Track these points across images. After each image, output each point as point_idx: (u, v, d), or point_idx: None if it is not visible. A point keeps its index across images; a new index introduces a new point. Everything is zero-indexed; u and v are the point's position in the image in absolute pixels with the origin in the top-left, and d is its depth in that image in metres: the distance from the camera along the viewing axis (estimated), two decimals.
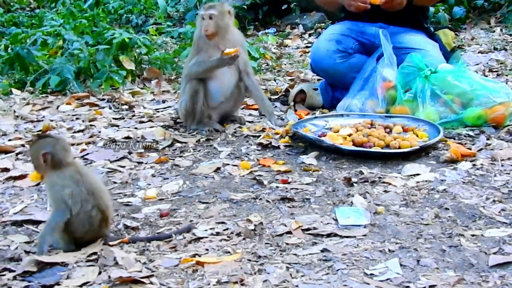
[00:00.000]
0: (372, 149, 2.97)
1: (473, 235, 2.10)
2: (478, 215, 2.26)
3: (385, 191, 2.53)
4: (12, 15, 8.13)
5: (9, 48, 5.05)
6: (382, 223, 2.22)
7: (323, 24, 7.48)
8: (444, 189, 2.51)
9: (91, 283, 1.84)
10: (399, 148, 2.97)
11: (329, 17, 7.50)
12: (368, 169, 2.79)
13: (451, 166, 2.79)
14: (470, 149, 2.95)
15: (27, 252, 2.06)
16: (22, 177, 2.78)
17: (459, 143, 3.06)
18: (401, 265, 1.90)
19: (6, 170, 2.88)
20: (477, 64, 5.00)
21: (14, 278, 1.88)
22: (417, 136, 3.13)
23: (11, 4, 9.11)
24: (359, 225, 2.21)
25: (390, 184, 2.61)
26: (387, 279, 1.82)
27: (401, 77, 3.58)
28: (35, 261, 1.95)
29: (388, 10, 3.74)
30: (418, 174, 2.71)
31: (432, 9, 6.20)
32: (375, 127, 3.26)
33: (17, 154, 3.12)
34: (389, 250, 2.00)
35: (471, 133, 3.24)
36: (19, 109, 3.98)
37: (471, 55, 5.53)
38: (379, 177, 2.68)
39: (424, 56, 3.60)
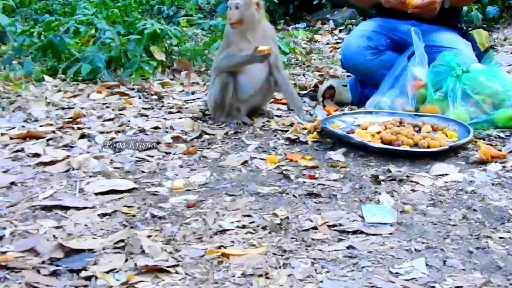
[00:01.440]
0: (401, 148, 2.95)
1: (501, 238, 2.08)
2: (507, 217, 2.23)
3: (413, 190, 2.52)
4: (45, 2, 8.24)
5: (42, 36, 5.11)
6: (408, 222, 2.21)
7: (354, 20, 7.47)
8: (473, 190, 2.49)
9: (117, 270, 1.86)
10: (428, 147, 2.94)
11: (360, 13, 7.47)
12: (396, 167, 2.78)
13: (481, 167, 2.76)
14: (500, 150, 2.92)
15: (55, 237, 2.09)
16: (52, 162, 2.81)
17: (489, 144, 3.03)
18: (427, 265, 1.89)
19: (37, 155, 2.91)
20: (510, 65, 4.94)
21: (43, 262, 1.90)
22: (447, 136, 3.10)
23: None
24: (385, 223, 2.19)
25: (418, 183, 2.59)
26: (413, 279, 1.81)
27: (432, 76, 3.55)
28: (62, 246, 1.97)
29: (421, 16, 3.72)
30: (446, 174, 2.68)
31: (465, 8, 6.13)
32: (404, 126, 3.23)
33: (48, 140, 3.15)
34: (415, 250, 1.99)
35: (501, 134, 3.20)
36: (51, 96, 4.03)
37: (504, 56, 5.48)
38: (407, 176, 2.66)
39: (456, 55, 3.57)
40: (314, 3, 7.92)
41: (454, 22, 4.04)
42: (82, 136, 3.23)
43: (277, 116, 3.68)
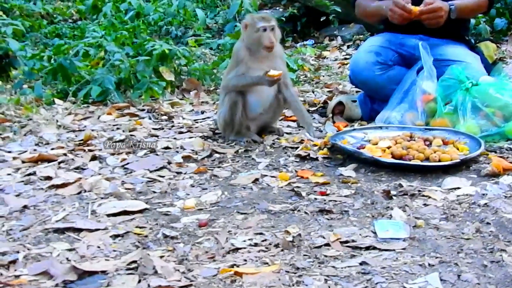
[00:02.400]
0: (412, 162, 2.94)
1: None
2: None
3: (425, 205, 2.50)
4: (55, 26, 8.29)
5: (52, 59, 5.15)
6: (421, 236, 2.19)
7: (361, 36, 7.47)
8: (485, 203, 2.47)
9: None
10: (439, 161, 2.93)
11: (368, 29, 7.48)
12: (408, 182, 2.77)
13: (493, 180, 2.75)
14: None
15: (68, 260, 2.09)
16: (64, 185, 2.82)
17: (500, 156, 3.01)
18: (441, 279, 1.87)
19: (49, 178, 2.93)
20: None
21: (56, 285, 1.91)
22: (458, 149, 3.09)
23: (54, 16, 9.30)
24: (398, 239, 2.18)
25: (430, 197, 2.58)
26: None
27: (442, 90, 3.55)
28: (75, 269, 1.98)
29: (427, 26, 3.71)
30: (458, 188, 2.67)
31: (473, 21, 6.13)
32: (414, 140, 3.23)
33: (59, 162, 3.17)
34: (429, 264, 1.98)
35: None
36: (62, 119, 4.05)
37: None
38: (419, 190, 2.65)
39: (465, 68, 3.56)
40: (321, 19, 7.93)
41: (462, 35, 4.04)
42: (93, 158, 3.24)
43: (287, 133, 3.69)
